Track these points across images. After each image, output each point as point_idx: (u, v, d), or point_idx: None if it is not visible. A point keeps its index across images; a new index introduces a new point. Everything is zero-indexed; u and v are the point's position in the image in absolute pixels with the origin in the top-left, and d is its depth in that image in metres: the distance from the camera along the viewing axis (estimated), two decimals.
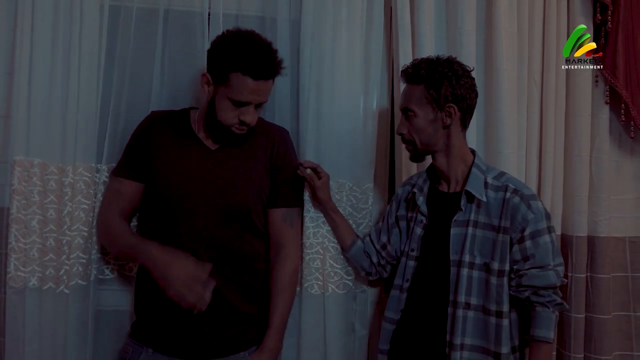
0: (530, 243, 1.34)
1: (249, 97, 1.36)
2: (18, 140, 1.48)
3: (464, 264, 1.38)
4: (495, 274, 1.36)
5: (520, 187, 1.39)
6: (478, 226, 1.39)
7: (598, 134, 1.79)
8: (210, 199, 1.40)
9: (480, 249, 1.38)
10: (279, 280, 1.48)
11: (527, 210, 1.34)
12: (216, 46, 1.39)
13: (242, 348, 1.43)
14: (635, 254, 1.83)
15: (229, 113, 1.38)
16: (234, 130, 1.40)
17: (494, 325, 1.36)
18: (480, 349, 1.37)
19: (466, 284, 1.38)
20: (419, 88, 1.41)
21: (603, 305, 1.76)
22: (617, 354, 1.80)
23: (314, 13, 1.64)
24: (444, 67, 1.40)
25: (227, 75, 1.34)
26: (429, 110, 1.41)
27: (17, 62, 1.48)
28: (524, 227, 1.34)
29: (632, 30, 1.76)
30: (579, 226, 1.76)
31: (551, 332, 1.34)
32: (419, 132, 1.42)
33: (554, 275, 1.35)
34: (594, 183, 1.78)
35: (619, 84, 1.75)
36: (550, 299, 1.34)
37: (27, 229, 1.48)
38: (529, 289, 1.35)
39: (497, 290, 1.36)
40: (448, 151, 1.43)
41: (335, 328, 1.62)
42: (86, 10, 1.53)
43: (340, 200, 1.65)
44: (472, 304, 1.37)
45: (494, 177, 1.42)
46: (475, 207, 1.40)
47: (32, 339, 1.48)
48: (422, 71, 1.40)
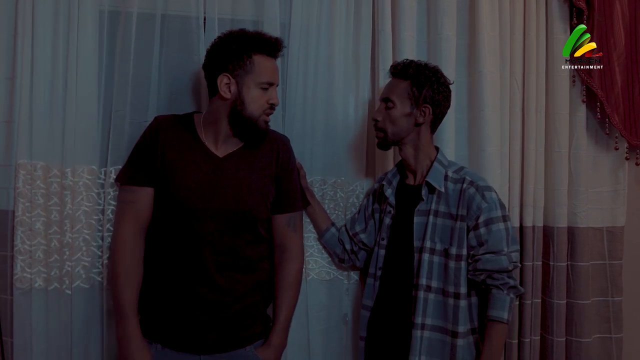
0: (484, 230, 1.44)
1: (273, 76, 1.43)
2: (21, 144, 1.50)
3: (426, 249, 1.49)
4: (454, 258, 1.46)
5: (476, 179, 1.50)
6: (438, 215, 1.50)
7: (576, 131, 1.87)
8: (218, 206, 1.41)
9: (441, 236, 1.49)
10: (284, 279, 1.52)
11: (481, 200, 1.45)
12: (227, 41, 1.41)
13: (248, 342, 1.47)
14: (612, 243, 1.92)
15: (259, 100, 1.42)
16: (259, 124, 1.43)
17: (452, 306, 1.46)
18: (440, 329, 1.47)
19: (427, 268, 1.48)
20: (404, 83, 1.52)
21: (583, 291, 1.85)
22: (596, 336, 1.90)
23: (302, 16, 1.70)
24: (430, 72, 1.52)
25: (252, 59, 1.39)
26: (407, 105, 1.51)
27: (18, 67, 1.49)
28: (479, 215, 1.45)
29: (605, 33, 1.85)
30: (559, 218, 1.85)
31: (505, 313, 1.42)
32: (393, 122, 1.52)
33: (506, 259, 1.43)
34: (573, 177, 1.87)
35: (594, 83, 1.84)
36: (503, 281, 1.43)
37: (31, 231, 1.50)
38: (484, 273, 1.44)
39: (455, 273, 1.46)
40: (416, 146, 1.54)
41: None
42: (85, 16, 1.55)
43: (333, 196, 1.72)
44: (433, 287, 1.48)
45: (454, 171, 1.53)
46: (436, 197, 1.50)
47: (40, 339, 1.50)
48: (411, 70, 1.52)
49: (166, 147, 1.43)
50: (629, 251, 1.96)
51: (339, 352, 1.74)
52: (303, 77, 1.71)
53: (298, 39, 1.70)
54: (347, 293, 1.75)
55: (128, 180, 1.45)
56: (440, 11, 1.76)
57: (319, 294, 1.72)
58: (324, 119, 1.72)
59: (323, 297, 1.73)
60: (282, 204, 1.53)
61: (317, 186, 1.72)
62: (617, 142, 1.91)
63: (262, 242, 1.51)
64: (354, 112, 1.77)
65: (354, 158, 1.76)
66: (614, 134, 1.91)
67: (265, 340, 1.49)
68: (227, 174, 1.44)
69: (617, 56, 1.86)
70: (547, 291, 1.86)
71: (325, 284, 1.73)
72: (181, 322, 1.41)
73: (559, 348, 1.83)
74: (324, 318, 1.72)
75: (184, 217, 1.41)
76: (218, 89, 1.40)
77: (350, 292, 1.75)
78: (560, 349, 1.84)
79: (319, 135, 1.72)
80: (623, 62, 1.87)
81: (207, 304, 1.41)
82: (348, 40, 1.74)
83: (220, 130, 1.45)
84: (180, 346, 1.42)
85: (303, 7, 1.71)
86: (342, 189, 1.74)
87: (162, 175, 1.42)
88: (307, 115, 1.71)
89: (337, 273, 1.75)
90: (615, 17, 1.85)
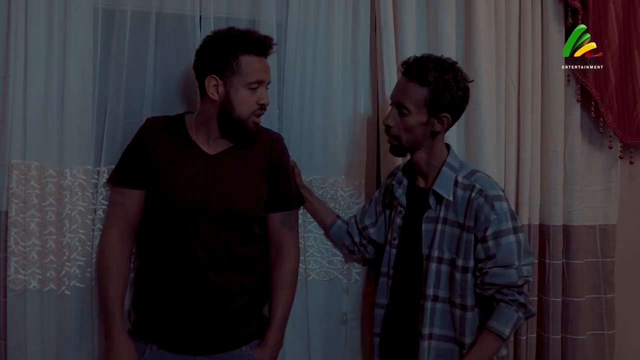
0: (493, 243, 1.37)
1: (261, 75, 1.41)
2: (14, 144, 1.47)
3: (433, 258, 1.44)
4: (460, 270, 1.41)
5: (487, 187, 1.40)
6: (447, 223, 1.44)
7: (571, 130, 1.88)
8: (211, 205, 1.41)
9: (449, 244, 1.43)
10: (279, 278, 1.52)
11: (490, 211, 1.37)
12: (214, 41, 1.40)
13: (243, 342, 1.46)
14: (605, 241, 1.94)
15: (248, 101, 1.40)
16: (248, 125, 1.42)
17: (458, 317, 1.42)
18: (447, 338, 1.44)
19: (434, 278, 1.43)
20: (421, 90, 1.38)
21: (578, 289, 1.87)
22: (590, 333, 1.91)
23: (299, 15, 1.69)
24: (451, 75, 1.38)
25: (238, 59, 1.37)
26: (424, 113, 1.40)
27: (11, 65, 1.47)
28: (487, 227, 1.37)
29: (600, 33, 1.86)
30: (555, 216, 1.86)
31: (507, 329, 1.36)
32: (407, 131, 1.42)
33: (515, 274, 1.36)
34: (568, 176, 1.88)
35: (589, 83, 1.86)
36: (512, 297, 1.36)
37: (25, 232, 1.48)
38: (492, 287, 1.38)
39: (462, 285, 1.41)
40: (429, 149, 1.47)
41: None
42: (80, 14, 1.52)
43: (334, 195, 1.71)
44: (440, 296, 1.44)
45: (465, 175, 1.44)
46: (445, 204, 1.44)
47: (34, 341, 1.48)
48: (430, 75, 1.37)
49: (157, 148, 1.43)
50: (621, 249, 1.98)
51: (339, 352, 1.73)
52: (300, 76, 1.70)
53: (295, 38, 1.69)
54: (347, 292, 1.75)
55: (118, 182, 1.46)
56: (440, 10, 1.77)
57: (319, 294, 1.71)
58: (322, 118, 1.71)
59: (323, 298, 1.72)
60: (276, 202, 1.52)
61: (317, 185, 1.72)
62: (611, 141, 1.93)
63: (257, 241, 1.51)
64: (353, 111, 1.76)
65: (353, 157, 1.75)
66: (608, 133, 1.93)
67: (261, 340, 1.49)
68: (220, 172, 1.44)
69: (611, 56, 1.88)
70: (543, 289, 1.87)
71: (326, 284, 1.73)
72: (176, 323, 1.41)
73: (555, 346, 1.85)
74: (324, 318, 1.72)
75: (177, 216, 1.40)
76: (207, 91, 1.40)
77: (350, 291, 1.75)
78: (556, 346, 1.85)
79: (318, 134, 1.71)
80: (617, 61, 1.89)
81: (202, 304, 1.40)
82: (347, 39, 1.74)
83: (211, 130, 1.45)
84: (176, 347, 1.42)
85: (300, 6, 1.70)
86: (342, 188, 1.73)
87: (153, 176, 1.42)
88: (305, 114, 1.70)
89: (337, 273, 1.74)
90: (609, 16, 1.87)
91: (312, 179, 1.71)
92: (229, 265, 1.43)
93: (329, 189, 1.72)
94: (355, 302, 1.75)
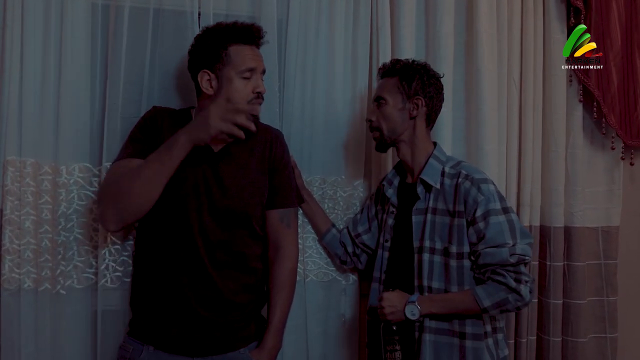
0: (483, 224, 1.39)
1: (252, 62, 1.40)
2: (10, 141, 1.45)
3: (425, 249, 1.45)
4: (455, 257, 1.42)
5: (472, 172, 1.45)
6: (437, 213, 1.46)
7: (572, 130, 1.88)
8: (213, 201, 1.39)
9: (440, 234, 1.45)
10: (277, 278, 1.49)
11: (477, 193, 1.40)
12: (203, 37, 1.41)
13: (241, 344, 1.44)
14: (607, 243, 1.93)
15: (243, 90, 1.39)
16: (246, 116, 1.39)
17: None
18: (446, 331, 1.43)
19: (428, 269, 1.44)
20: (393, 79, 1.51)
21: (579, 291, 1.86)
22: (591, 336, 1.90)
23: (300, 12, 1.68)
24: (418, 66, 1.52)
25: (227, 51, 1.37)
26: (399, 99, 1.50)
27: (7, 61, 1.45)
28: (475, 209, 1.40)
29: (602, 33, 1.86)
30: (556, 217, 1.86)
31: (487, 301, 1.35)
32: (386, 118, 1.50)
33: (506, 252, 1.36)
34: (570, 177, 1.88)
35: (591, 83, 1.85)
36: (503, 280, 1.35)
37: (20, 230, 1.45)
38: (487, 270, 1.38)
39: (458, 272, 1.42)
40: (412, 143, 1.51)
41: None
42: (77, 9, 1.51)
43: (333, 195, 1.70)
44: (434, 288, 1.44)
45: (451, 166, 1.49)
46: (434, 194, 1.47)
47: (28, 341, 1.45)
48: (398, 66, 1.52)
49: (165, 134, 1.39)
50: (623, 251, 1.97)
51: (338, 353, 1.71)
52: (301, 74, 1.68)
53: (296, 35, 1.68)
54: (345, 294, 1.73)
55: (125, 155, 1.39)
56: (439, 8, 1.75)
57: (317, 295, 1.70)
58: (323, 117, 1.70)
59: (321, 299, 1.71)
60: (275, 199, 1.50)
61: (316, 185, 1.70)
62: (613, 142, 1.92)
63: (257, 240, 1.49)
64: (353, 110, 1.75)
65: (353, 156, 1.74)
66: (610, 134, 1.92)
67: (260, 342, 1.47)
68: (223, 167, 1.42)
69: (613, 56, 1.87)
70: (544, 291, 1.86)
71: (324, 285, 1.71)
72: (174, 322, 1.39)
73: (555, 348, 1.84)
74: (322, 319, 1.71)
75: (178, 212, 1.38)
76: (201, 87, 1.39)
77: (348, 292, 1.74)
78: (556, 349, 1.84)
79: (318, 133, 1.70)
80: (619, 62, 1.88)
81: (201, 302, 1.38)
82: (347, 38, 1.72)
83: None
84: (173, 348, 1.39)
85: (301, 3, 1.68)
86: (341, 187, 1.72)
87: None
88: (305, 113, 1.69)
89: (336, 274, 1.73)
90: (611, 17, 1.86)
91: (311, 178, 1.70)
92: (229, 263, 1.41)
93: (328, 188, 1.71)
94: (354, 303, 1.74)
